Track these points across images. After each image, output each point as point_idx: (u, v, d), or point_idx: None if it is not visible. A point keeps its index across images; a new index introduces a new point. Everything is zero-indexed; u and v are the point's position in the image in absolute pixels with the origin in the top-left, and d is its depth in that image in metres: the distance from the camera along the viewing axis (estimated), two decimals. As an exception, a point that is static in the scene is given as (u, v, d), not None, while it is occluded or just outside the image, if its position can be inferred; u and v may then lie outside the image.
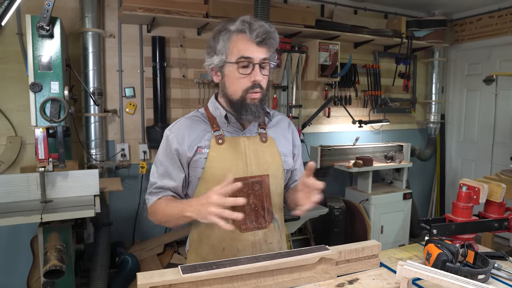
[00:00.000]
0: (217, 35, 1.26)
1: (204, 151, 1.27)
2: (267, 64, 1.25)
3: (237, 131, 1.33)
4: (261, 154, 1.32)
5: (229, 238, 1.28)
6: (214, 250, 1.30)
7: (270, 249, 1.33)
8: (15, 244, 2.83)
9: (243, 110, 1.25)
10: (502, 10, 4.02)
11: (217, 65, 1.27)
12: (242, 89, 1.23)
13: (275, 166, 1.34)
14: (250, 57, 1.21)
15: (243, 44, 1.21)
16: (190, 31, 3.31)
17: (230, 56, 1.23)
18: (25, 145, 2.82)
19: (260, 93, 1.24)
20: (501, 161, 4.19)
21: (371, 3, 4.10)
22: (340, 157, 3.85)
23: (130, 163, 3.17)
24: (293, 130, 1.46)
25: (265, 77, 1.25)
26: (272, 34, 1.23)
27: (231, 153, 1.29)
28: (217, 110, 1.32)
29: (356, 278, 1.20)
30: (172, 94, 3.29)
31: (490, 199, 1.51)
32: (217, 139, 1.28)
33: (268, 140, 1.35)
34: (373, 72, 4.15)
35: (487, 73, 4.28)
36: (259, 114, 1.26)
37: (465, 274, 1.12)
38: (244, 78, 1.23)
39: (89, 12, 2.83)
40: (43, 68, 2.02)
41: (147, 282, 0.97)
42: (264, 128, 1.37)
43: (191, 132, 1.29)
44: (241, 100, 1.24)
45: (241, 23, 1.21)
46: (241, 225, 1.27)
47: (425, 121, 4.69)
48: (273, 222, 1.34)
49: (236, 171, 1.27)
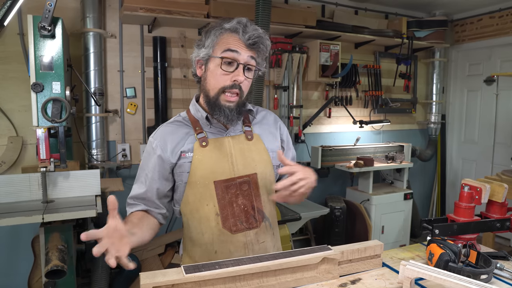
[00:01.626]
0: (210, 30, 1.25)
1: (188, 155, 1.25)
2: (252, 68, 1.23)
3: (220, 131, 1.30)
4: (248, 153, 1.29)
5: (220, 241, 1.26)
6: (207, 254, 1.28)
7: (262, 249, 1.31)
8: (17, 244, 2.84)
9: (216, 109, 1.23)
10: (502, 11, 4.03)
11: (202, 58, 1.25)
12: (220, 86, 1.21)
13: (263, 164, 1.31)
14: (237, 51, 1.19)
15: (233, 41, 1.20)
16: (191, 31, 3.31)
17: (217, 51, 1.21)
18: (26, 145, 2.82)
19: (237, 96, 1.22)
20: (502, 162, 4.19)
21: (372, 3, 4.10)
22: (341, 158, 3.85)
23: (131, 163, 3.17)
24: (280, 124, 1.43)
25: (247, 80, 1.23)
26: (264, 40, 1.22)
27: (216, 155, 1.26)
28: (198, 112, 1.30)
29: (359, 278, 1.20)
30: (173, 95, 3.29)
31: (492, 199, 1.50)
32: (200, 142, 1.25)
33: (254, 137, 1.32)
34: (374, 73, 4.16)
35: (488, 74, 4.28)
36: (232, 118, 1.23)
37: (467, 274, 1.12)
38: (225, 75, 1.20)
39: (90, 12, 2.83)
40: (44, 68, 2.02)
41: (150, 282, 0.96)
42: (248, 125, 1.33)
43: (173, 137, 1.27)
44: (216, 98, 1.22)
45: (236, 23, 1.20)
46: (232, 226, 1.25)
47: (425, 122, 4.69)
48: (264, 221, 1.31)
49: (222, 173, 1.25)
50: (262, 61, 1.27)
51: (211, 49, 1.23)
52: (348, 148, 3.92)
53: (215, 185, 1.24)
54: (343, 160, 3.83)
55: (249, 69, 1.23)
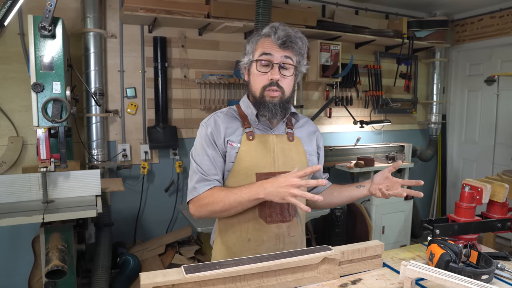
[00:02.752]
0: (249, 39, 1.38)
1: (235, 145, 1.35)
2: (289, 66, 1.32)
3: (266, 129, 1.40)
4: (288, 152, 1.40)
5: (255, 229, 1.34)
6: (241, 240, 1.36)
7: (292, 242, 1.40)
8: (17, 244, 2.84)
9: (261, 106, 1.33)
10: (503, 11, 4.02)
11: (246, 64, 1.39)
12: (261, 86, 1.32)
13: (300, 164, 1.40)
14: (270, 53, 1.30)
15: (267, 44, 1.32)
16: (191, 32, 3.31)
17: (255, 56, 1.34)
18: (27, 146, 2.82)
19: (278, 91, 1.31)
20: (503, 162, 4.18)
21: (372, 3, 4.10)
22: (341, 158, 3.85)
23: (132, 163, 3.17)
24: (318, 132, 1.55)
25: (285, 78, 1.32)
26: (294, 38, 1.31)
27: (260, 149, 1.36)
28: (249, 109, 1.40)
29: (359, 278, 1.20)
30: (174, 95, 3.29)
31: (493, 199, 1.50)
32: (248, 135, 1.36)
33: (294, 139, 1.43)
34: (374, 73, 4.15)
35: (489, 74, 4.28)
36: (276, 112, 1.32)
37: (468, 274, 1.12)
38: (263, 75, 1.32)
39: (90, 12, 2.83)
40: (45, 68, 2.02)
41: (150, 282, 0.96)
42: (291, 128, 1.45)
43: (225, 126, 1.37)
44: (261, 97, 1.33)
45: (269, 28, 1.32)
46: (267, 217, 1.33)
47: (426, 122, 4.69)
48: (296, 216, 1.41)
49: (264, 166, 1.34)
50: (301, 59, 1.37)
51: (251, 54, 1.36)
52: (349, 148, 3.92)
53: (256, 176, 1.33)
54: (344, 160, 3.83)
55: (285, 68, 1.32)
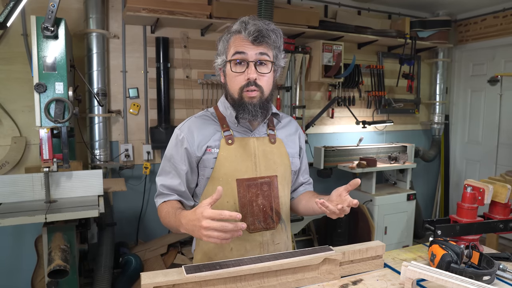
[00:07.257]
0: (221, 37, 1.29)
1: (214, 151, 1.27)
2: (266, 63, 1.23)
3: (246, 131, 1.33)
4: (270, 155, 1.32)
5: (237, 238, 1.26)
6: (222, 250, 1.29)
7: (277, 250, 1.33)
8: (20, 244, 2.85)
9: (240, 108, 1.24)
10: (506, 10, 4.00)
11: (220, 65, 1.30)
12: (239, 87, 1.23)
13: (283, 167, 1.34)
14: (243, 51, 1.20)
15: (238, 42, 1.22)
16: (193, 32, 3.32)
17: (229, 55, 1.25)
18: (30, 146, 2.83)
19: (257, 91, 1.22)
20: (506, 162, 4.16)
21: (375, 3, 4.09)
22: (343, 158, 3.84)
23: (134, 163, 3.18)
24: (300, 132, 1.48)
25: (263, 75, 1.23)
26: (266, 32, 1.20)
27: (240, 154, 1.28)
28: (227, 110, 1.31)
29: (360, 279, 1.19)
30: (176, 95, 3.29)
31: (495, 200, 1.50)
32: (226, 139, 1.28)
33: (276, 141, 1.36)
34: (377, 73, 4.14)
35: (492, 74, 4.25)
36: (256, 113, 1.24)
37: (470, 275, 1.11)
38: (239, 75, 1.23)
39: (93, 13, 2.84)
40: (47, 68, 2.03)
41: (150, 282, 0.97)
42: (273, 129, 1.37)
43: (200, 131, 1.29)
44: (239, 99, 1.24)
45: (239, 24, 1.23)
46: (250, 225, 1.27)
47: (429, 122, 4.67)
48: (281, 222, 1.34)
49: (245, 172, 1.28)
50: (278, 52, 1.28)
51: (224, 55, 1.27)
52: (351, 148, 3.92)
53: (237, 183, 1.26)
54: (346, 160, 3.83)
55: (262, 65, 1.23)
